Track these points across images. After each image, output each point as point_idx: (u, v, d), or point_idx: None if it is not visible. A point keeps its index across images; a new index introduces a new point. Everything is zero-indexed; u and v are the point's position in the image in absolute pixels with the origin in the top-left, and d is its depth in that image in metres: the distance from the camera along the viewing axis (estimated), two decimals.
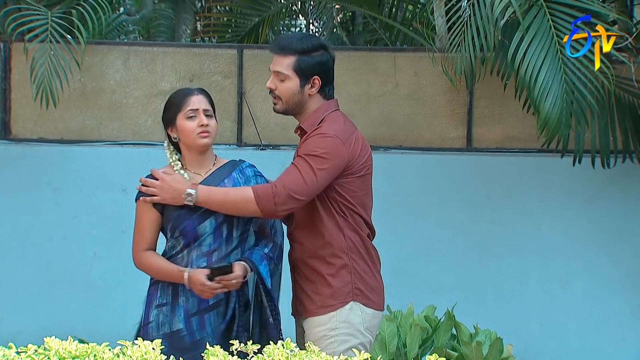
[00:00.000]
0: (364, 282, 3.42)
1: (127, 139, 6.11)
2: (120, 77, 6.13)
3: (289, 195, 3.26)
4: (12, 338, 5.24)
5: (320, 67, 3.39)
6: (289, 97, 3.41)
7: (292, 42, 3.42)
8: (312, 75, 3.38)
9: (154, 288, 3.49)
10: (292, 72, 3.38)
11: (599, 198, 6.02)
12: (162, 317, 3.44)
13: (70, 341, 2.22)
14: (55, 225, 5.94)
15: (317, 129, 3.37)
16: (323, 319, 3.39)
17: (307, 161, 3.31)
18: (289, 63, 3.38)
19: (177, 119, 3.44)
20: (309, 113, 3.44)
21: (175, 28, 11.43)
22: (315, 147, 3.32)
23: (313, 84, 3.39)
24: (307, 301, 3.44)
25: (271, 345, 2.27)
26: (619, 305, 6.00)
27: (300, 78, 3.38)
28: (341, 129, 3.37)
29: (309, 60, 3.38)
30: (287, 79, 3.39)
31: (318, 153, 3.30)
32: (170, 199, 3.33)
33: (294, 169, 3.32)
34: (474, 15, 5.21)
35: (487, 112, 6.16)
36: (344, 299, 3.39)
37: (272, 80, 3.43)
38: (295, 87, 3.39)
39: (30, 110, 6.01)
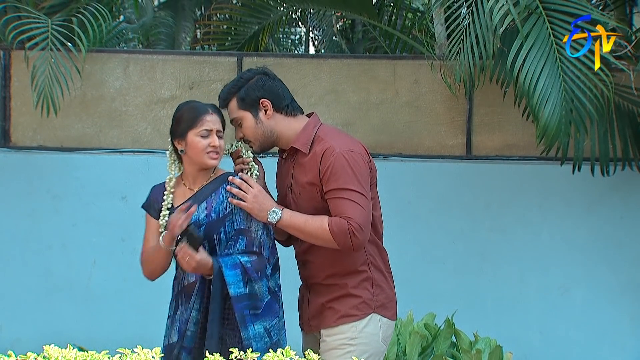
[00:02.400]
0: (383, 293, 3.45)
1: (127, 147, 6.11)
2: (120, 84, 6.14)
3: (361, 229, 3.25)
4: (12, 346, 5.25)
5: (259, 90, 3.39)
6: (254, 133, 3.41)
7: (226, 89, 3.45)
8: (256, 101, 3.38)
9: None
10: (240, 112, 3.40)
11: (599, 206, 6.02)
12: (166, 330, 3.50)
13: (70, 349, 2.22)
14: (54, 233, 5.94)
15: (327, 148, 3.31)
16: (343, 328, 3.40)
17: (353, 190, 3.27)
18: (234, 106, 3.41)
19: (188, 135, 3.41)
20: (288, 135, 3.41)
21: (175, 36, 11.45)
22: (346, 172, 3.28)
23: (264, 107, 3.38)
24: (328, 312, 3.44)
25: (270, 352, 2.27)
26: (618, 313, 5.99)
27: (249, 111, 3.39)
28: (348, 141, 3.39)
29: (245, 92, 3.39)
30: (242, 120, 3.41)
31: (354, 178, 3.28)
32: (255, 211, 3.30)
33: (351, 203, 3.27)
34: (473, 23, 5.22)
35: (487, 120, 6.16)
36: (366, 311, 3.41)
37: (237, 132, 3.45)
38: (251, 121, 3.39)
39: (30, 118, 6.01)
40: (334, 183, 3.28)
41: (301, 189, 3.40)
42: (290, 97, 3.46)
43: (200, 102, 3.53)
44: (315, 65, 6.26)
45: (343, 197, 3.27)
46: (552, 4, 5.09)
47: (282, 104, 3.41)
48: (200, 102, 3.53)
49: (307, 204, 3.38)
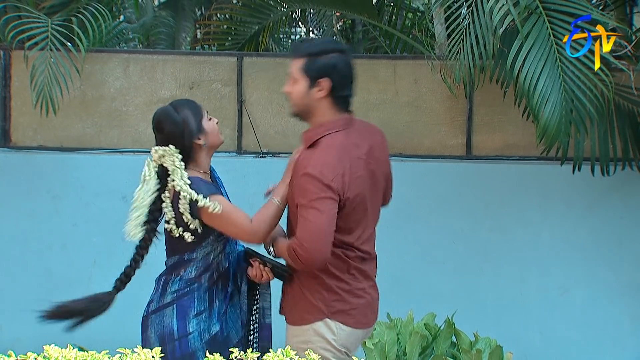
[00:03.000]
0: (342, 300, 3.39)
1: (127, 147, 6.11)
2: (120, 84, 6.14)
3: (302, 245, 3.22)
4: (12, 346, 5.24)
5: (329, 68, 3.29)
6: (297, 99, 3.37)
7: (305, 45, 3.39)
8: (319, 77, 3.30)
9: (189, 298, 3.50)
10: (300, 74, 3.33)
11: (599, 206, 6.02)
12: (202, 325, 3.48)
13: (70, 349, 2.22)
14: (55, 232, 5.94)
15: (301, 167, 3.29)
16: (298, 330, 3.42)
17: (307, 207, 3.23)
18: (299, 65, 3.34)
19: (202, 124, 3.50)
20: (318, 121, 3.37)
21: (175, 36, 11.44)
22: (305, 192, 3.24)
23: (321, 86, 3.31)
24: (287, 309, 3.49)
25: (270, 353, 2.28)
26: (618, 313, 5.99)
27: (308, 80, 3.32)
28: (329, 166, 3.26)
29: (317, 61, 3.31)
30: (296, 81, 3.35)
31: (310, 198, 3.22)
32: None
33: (301, 220, 3.26)
34: (473, 23, 5.22)
35: (487, 120, 6.17)
36: (318, 316, 3.38)
37: (287, 84, 3.40)
38: (302, 89, 3.34)
39: (30, 118, 6.02)
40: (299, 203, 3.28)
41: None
42: (351, 92, 3.40)
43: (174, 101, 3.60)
44: None
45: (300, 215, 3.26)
46: (552, 4, 5.08)
47: (338, 93, 3.34)
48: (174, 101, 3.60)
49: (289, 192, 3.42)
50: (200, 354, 3.40)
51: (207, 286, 3.50)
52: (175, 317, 3.48)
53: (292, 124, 6.20)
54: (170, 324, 3.48)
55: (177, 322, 3.48)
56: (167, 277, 3.56)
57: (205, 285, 3.50)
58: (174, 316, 3.49)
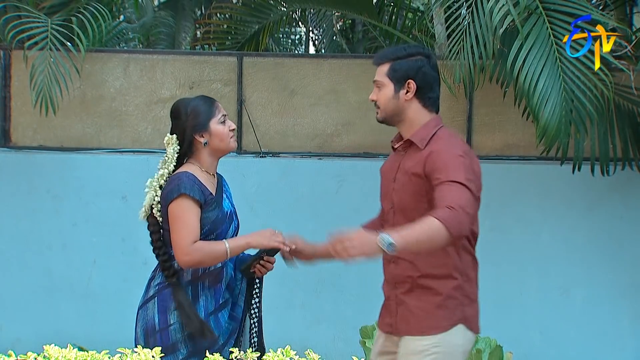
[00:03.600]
0: (471, 304, 3.34)
1: (127, 147, 6.11)
2: (120, 84, 6.14)
3: (467, 214, 3.10)
4: (12, 346, 5.25)
5: (414, 70, 3.34)
6: (385, 103, 3.37)
7: (388, 51, 3.43)
8: (405, 79, 3.34)
9: (169, 291, 3.49)
10: (386, 79, 3.36)
11: (599, 206, 6.02)
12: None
13: (70, 349, 2.23)
14: (54, 232, 5.94)
15: (442, 147, 3.27)
16: (429, 339, 3.27)
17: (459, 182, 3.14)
18: (384, 71, 3.37)
19: (210, 124, 3.51)
20: (413, 123, 3.37)
21: (175, 36, 11.45)
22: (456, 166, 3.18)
23: (408, 88, 3.34)
24: (413, 320, 3.29)
25: (271, 352, 2.27)
26: (618, 314, 5.99)
27: (394, 83, 3.35)
28: (466, 149, 3.33)
29: (401, 64, 3.35)
30: (382, 86, 3.37)
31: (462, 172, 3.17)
32: (368, 252, 3.05)
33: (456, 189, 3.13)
34: (473, 23, 5.22)
35: (487, 120, 6.17)
36: (454, 322, 3.29)
37: (373, 92, 3.41)
38: (389, 93, 3.36)
39: (30, 118, 6.02)
40: (443, 174, 3.17)
41: (406, 181, 3.34)
42: (438, 92, 3.44)
43: (204, 95, 3.65)
44: (315, 65, 6.26)
45: (449, 186, 3.14)
46: (552, 4, 5.09)
47: (426, 94, 3.39)
48: (204, 95, 3.65)
49: (409, 196, 3.33)
50: (181, 345, 3.42)
51: (189, 280, 3.49)
52: (157, 310, 3.49)
53: (291, 124, 6.20)
54: (152, 317, 3.49)
55: (159, 315, 3.48)
56: (153, 274, 3.60)
57: (188, 279, 3.49)
58: (156, 309, 3.49)
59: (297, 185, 6.00)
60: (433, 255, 3.25)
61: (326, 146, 6.19)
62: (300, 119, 6.20)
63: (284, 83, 6.20)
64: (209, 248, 3.43)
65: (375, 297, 5.82)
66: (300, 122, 6.20)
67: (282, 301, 5.33)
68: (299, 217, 5.90)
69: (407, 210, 3.34)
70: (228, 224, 3.54)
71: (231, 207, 3.61)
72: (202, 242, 3.43)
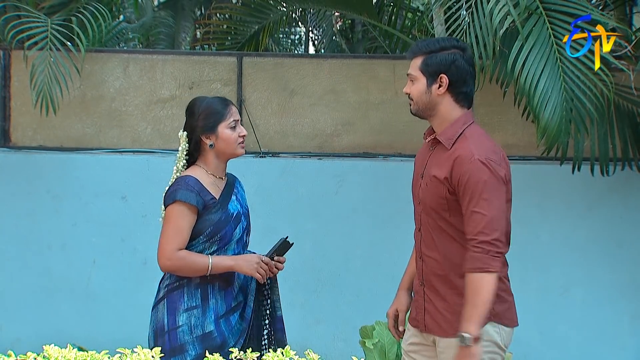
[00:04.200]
0: (501, 301, 3.34)
1: (127, 147, 6.11)
2: (120, 84, 6.14)
3: (497, 242, 3.17)
4: (12, 346, 5.25)
5: (447, 65, 3.32)
6: (418, 97, 3.35)
7: (422, 44, 3.41)
8: (438, 73, 3.32)
9: (178, 292, 3.52)
10: (419, 73, 3.35)
11: (598, 206, 6.02)
12: (194, 320, 3.49)
13: (70, 349, 2.22)
14: (54, 232, 5.94)
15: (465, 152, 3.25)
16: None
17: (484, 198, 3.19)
18: (417, 64, 3.36)
19: (218, 128, 3.52)
20: (444, 118, 3.36)
21: (175, 36, 11.45)
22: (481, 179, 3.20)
23: (440, 82, 3.32)
24: (443, 321, 3.31)
25: (270, 352, 2.27)
26: (618, 314, 5.99)
27: (427, 77, 3.33)
28: (492, 150, 3.28)
29: (434, 58, 3.33)
30: (416, 80, 3.36)
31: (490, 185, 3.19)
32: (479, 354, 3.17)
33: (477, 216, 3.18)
34: (472, 23, 5.22)
35: (487, 120, 6.16)
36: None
37: (407, 85, 3.40)
38: (422, 87, 3.34)
39: (30, 118, 6.01)
40: (469, 194, 3.21)
41: (429, 181, 3.36)
42: (472, 87, 3.42)
43: (220, 97, 3.67)
44: (315, 65, 6.26)
45: (475, 210, 3.19)
46: (552, 4, 5.08)
47: (459, 89, 3.36)
48: (220, 97, 3.67)
49: (432, 197, 3.34)
50: (189, 347, 3.43)
51: (198, 282, 3.51)
52: (166, 311, 3.52)
53: (291, 124, 6.20)
54: (162, 318, 3.52)
55: (167, 316, 3.51)
56: (164, 275, 3.60)
57: (197, 281, 3.51)
58: (165, 310, 3.52)
59: (297, 185, 6.00)
60: (457, 254, 3.28)
61: (326, 146, 6.19)
62: (300, 119, 6.20)
63: (283, 83, 6.20)
64: (191, 259, 3.46)
65: (375, 296, 5.84)
66: (300, 122, 6.20)
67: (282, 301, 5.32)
68: (298, 217, 5.91)
69: (430, 210, 3.37)
70: (233, 225, 3.55)
71: (240, 209, 3.62)
72: (187, 252, 3.47)
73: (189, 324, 3.47)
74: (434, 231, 3.37)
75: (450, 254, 3.31)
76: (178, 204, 3.46)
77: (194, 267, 3.46)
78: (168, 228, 3.47)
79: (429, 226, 3.39)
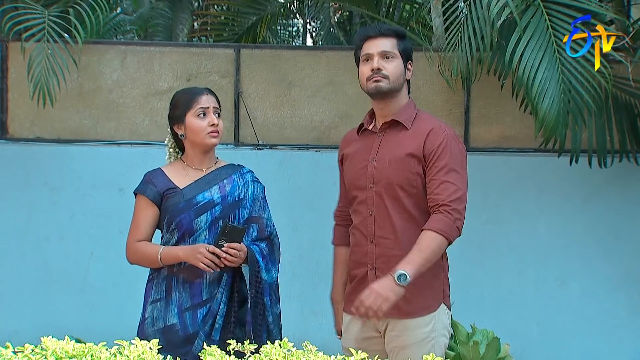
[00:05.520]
0: (448, 284, 3.43)
1: (124, 139, 6.11)
2: (118, 76, 6.13)
3: (460, 211, 3.31)
4: (9, 338, 5.24)
5: (411, 52, 3.43)
6: (397, 75, 3.37)
7: (389, 26, 3.47)
8: (409, 59, 3.41)
9: (150, 285, 3.55)
10: (397, 52, 3.37)
11: (596, 198, 6.02)
12: (156, 313, 3.48)
13: (67, 341, 2.22)
14: (52, 224, 5.94)
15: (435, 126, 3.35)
16: (422, 320, 3.32)
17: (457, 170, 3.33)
18: (393, 44, 3.37)
19: (186, 117, 3.51)
20: (400, 103, 3.41)
21: (172, 27, 11.43)
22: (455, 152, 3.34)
23: (409, 69, 3.41)
24: (401, 302, 3.20)
25: (268, 344, 2.27)
26: (615, 305, 6.00)
27: (403, 60, 3.39)
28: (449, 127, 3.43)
29: (406, 44, 3.41)
30: (395, 58, 3.36)
31: (461, 159, 3.36)
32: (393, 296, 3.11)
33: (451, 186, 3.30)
34: (470, 14, 5.21)
35: (484, 112, 6.16)
36: (440, 300, 3.37)
37: (377, 61, 3.34)
38: (401, 68, 3.38)
39: (27, 110, 6.01)
40: (442, 163, 3.30)
41: (393, 161, 3.35)
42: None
43: (196, 87, 3.65)
44: (312, 57, 6.26)
45: (445, 179, 3.29)
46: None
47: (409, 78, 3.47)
48: (196, 87, 3.65)
49: (399, 173, 3.33)
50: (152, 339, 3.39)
51: (166, 274, 3.49)
52: (143, 303, 3.57)
53: (289, 116, 6.19)
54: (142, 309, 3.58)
55: (142, 307, 3.57)
56: None
57: (165, 274, 3.49)
58: (143, 303, 3.58)
59: (295, 178, 6.00)
60: (413, 233, 3.29)
61: (324, 138, 6.18)
62: (298, 111, 6.19)
63: (281, 75, 6.19)
64: (142, 250, 3.48)
65: None
66: (298, 114, 6.19)
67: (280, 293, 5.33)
68: (296, 209, 5.91)
69: (397, 187, 3.35)
70: (193, 214, 3.44)
71: (214, 198, 3.48)
72: (140, 243, 3.49)
73: (152, 316, 3.48)
74: (393, 210, 3.34)
75: (410, 232, 3.32)
76: (137, 197, 3.54)
77: (146, 258, 3.48)
78: (131, 222, 3.54)
79: (386, 207, 3.36)
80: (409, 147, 3.33)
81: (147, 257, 3.48)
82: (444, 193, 3.26)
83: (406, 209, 3.33)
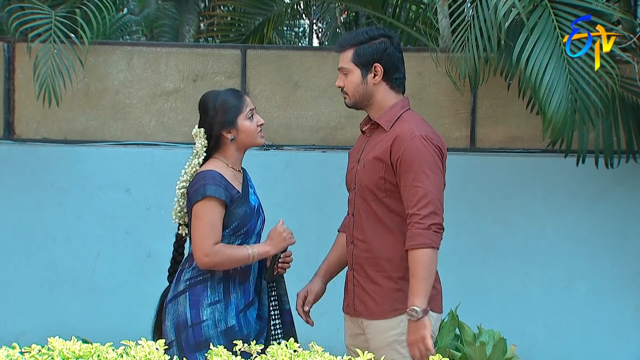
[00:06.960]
0: (439, 285, 3.46)
1: (131, 139, 6.11)
2: (124, 77, 6.14)
3: (436, 215, 3.29)
4: (16, 338, 5.26)
5: (379, 53, 3.38)
6: (354, 89, 3.40)
7: (350, 36, 3.46)
8: (372, 63, 3.38)
9: (202, 287, 3.51)
10: (351, 65, 3.39)
11: (603, 198, 6.01)
12: (217, 315, 3.49)
13: (74, 341, 2.22)
14: (58, 225, 5.95)
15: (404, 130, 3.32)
16: (391, 323, 3.36)
17: (426, 173, 3.28)
18: (349, 57, 3.40)
19: (238, 120, 3.53)
20: (381, 106, 3.41)
21: (178, 28, 11.43)
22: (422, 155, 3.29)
23: (375, 72, 3.38)
24: (372, 303, 3.38)
25: (274, 345, 2.27)
26: (622, 306, 5.99)
27: (361, 68, 3.38)
28: (431, 130, 3.38)
29: (366, 49, 3.39)
30: (349, 73, 3.40)
31: (430, 161, 3.30)
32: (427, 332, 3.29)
33: (419, 190, 3.27)
34: (477, 15, 5.21)
35: (491, 112, 6.16)
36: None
37: (339, 79, 3.44)
38: (357, 79, 3.39)
39: (34, 111, 6.02)
40: (409, 169, 3.28)
41: (367, 163, 3.39)
42: (404, 72, 3.48)
43: (232, 89, 3.70)
44: (319, 57, 6.26)
45: (413, 184, 3.28)
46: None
47: (392, 75, 3.42)
48: (232, 89, 3.70)
49: (369, 177, 3.37)
50: (214, 341, 3.41)
51: (221, 276, 3.51)
52: (189, 304, 3.50)
53: (295, 116, 6.19)
54: (184, 312, 3.50)
55: (190, 310, 3.49)
56: (182, 267, 3.60)
57: (220, 276, 3.51)
58: (187, 304, 3.50)
59: (301, 178, 6.00)
60: (385, 237, 3.34)
61: (330, 139, 6.18)
62: (304, 111, 6.19)
63: (287, 76, 6.19)
64: (229, 252, 3.46)
65: None
66: (304, 114, 6.19)
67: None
68: (302, 210, 5.91)
69: (367, 191, 3.39)
70: (256, 219, 3.57)
71: (257, 201, 3.64)
72: (223, 245, 3.46)
73: (213, 318, 3.47)
74: (365, 213, 3.40)
75: (379, 236, 3.36)
76: (208, 200, 3.43)
77: (233, 259, 3.47)
78: (201, 225, 3.43)
79: (361, 210, 3.42)
80: (377, 151, 3.37)
81: (236, 259, 3.48)
82: (413, 199, 3.27)
83: (376, 213, 3.38)
